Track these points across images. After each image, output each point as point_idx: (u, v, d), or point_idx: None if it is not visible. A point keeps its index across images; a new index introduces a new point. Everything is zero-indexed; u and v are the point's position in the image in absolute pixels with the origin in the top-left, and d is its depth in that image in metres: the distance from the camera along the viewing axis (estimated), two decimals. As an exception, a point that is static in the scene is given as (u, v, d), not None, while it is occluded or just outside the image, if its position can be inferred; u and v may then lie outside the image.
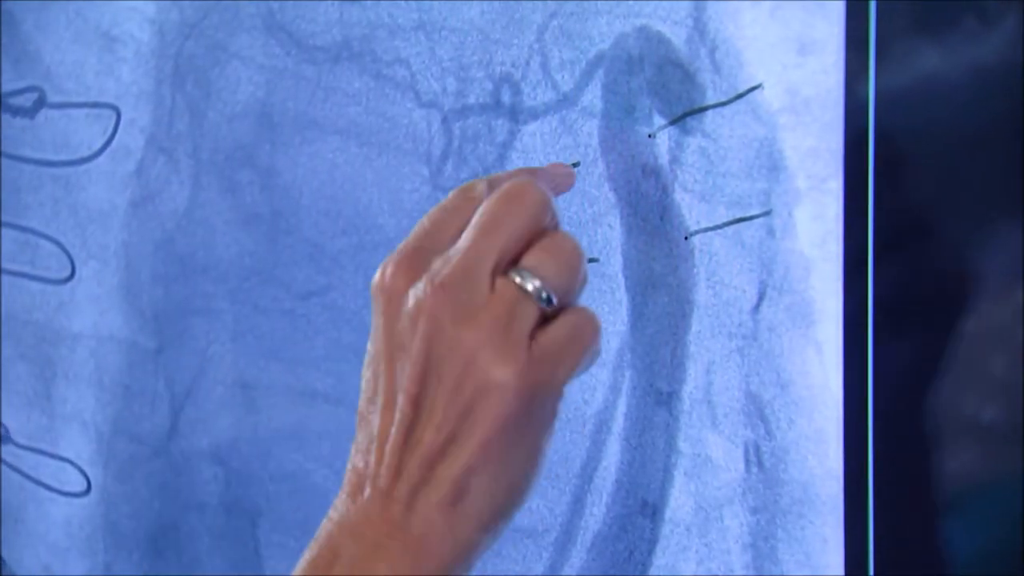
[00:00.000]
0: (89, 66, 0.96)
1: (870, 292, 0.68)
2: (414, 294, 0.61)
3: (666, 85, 0.73)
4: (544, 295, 0.60)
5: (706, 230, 0.73)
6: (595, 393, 0.77)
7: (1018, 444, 0.66)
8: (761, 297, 0.71)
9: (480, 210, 0.62)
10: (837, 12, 0.67)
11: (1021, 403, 0.65)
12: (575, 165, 0.77)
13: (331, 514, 0.62)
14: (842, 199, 0.68)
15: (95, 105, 0.96)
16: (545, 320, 0.61)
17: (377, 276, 0.63)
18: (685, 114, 0.73)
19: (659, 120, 0.74)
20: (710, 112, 0.72)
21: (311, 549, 0.62)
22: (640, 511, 0.76)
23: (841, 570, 0.69)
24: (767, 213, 0.71)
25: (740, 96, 0.71)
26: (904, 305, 0.68)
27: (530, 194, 0.62)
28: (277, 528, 0.91)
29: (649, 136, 0.74)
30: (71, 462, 1.00)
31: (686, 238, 0.73)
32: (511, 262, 0.61)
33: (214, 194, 0.91)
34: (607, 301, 0.76)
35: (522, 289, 0.60)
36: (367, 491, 0.61)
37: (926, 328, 0.68)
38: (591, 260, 0.77)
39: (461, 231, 0.62)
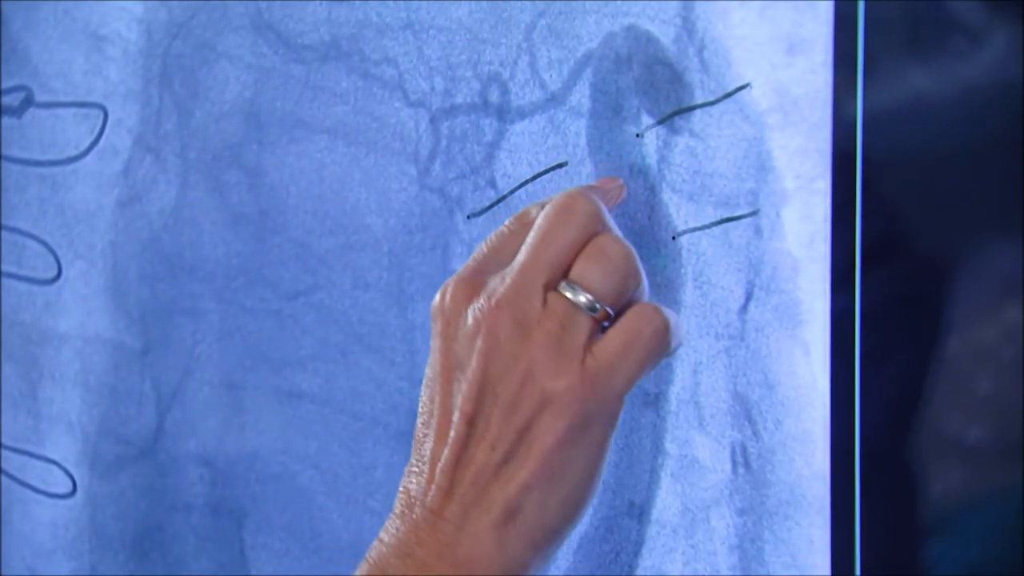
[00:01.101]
0: (77, 65, 0.96)
1: (858, 293, 0.68)
2: (471, 312, 0.61)
3: (654, 84, 0.73)
4: (595, 305, 0.61)
5: (694, 230, 0.72)
6: (582, 394, 0.77)
7: (1005, 448, 0.65)
8: (748, 297, 0.71)
9: (535, 225, 0.62)
10: (826, 11, 0.67)
11: (1008, 406, 0.65)
12: (562, 165, 0.76)
13: (381, 535, 0.62)
14: (830, 199, 0.68)
15: (83, 104, 0.96)
16: (611, 324, 0.61)
17: (437, 299, 0.63)
18: (673, 113, 0.73)
19: (647, 119, 0.74)
20: (698, 111, 0.72)
21: (360, 569, 0.62)
22: (626, 512, 0.75)
23: (828, 572, 0.69)
24: (755, 213, 0.70)
25: (728, 95, 0.71)
26: (892, 306, 0.68)
27: (579, 204, 0.62)
28: (263, 529, 0.90)
29: (637, 135, 0.74)
30: (57, 463, 0.99)
31: (673, 238, 0.73)
32: (564, 274, 0.61)
33: (201, 194, 0.91)
34: (594, 301, 0.76)
35: (572, 302, 0.60)
36: (417, 512, 0.61)
37: (914, 329, 0.68)
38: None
39: (516, 253, 0.63)
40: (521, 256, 0.62)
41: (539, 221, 0.63)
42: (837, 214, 0.68)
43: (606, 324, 0.62)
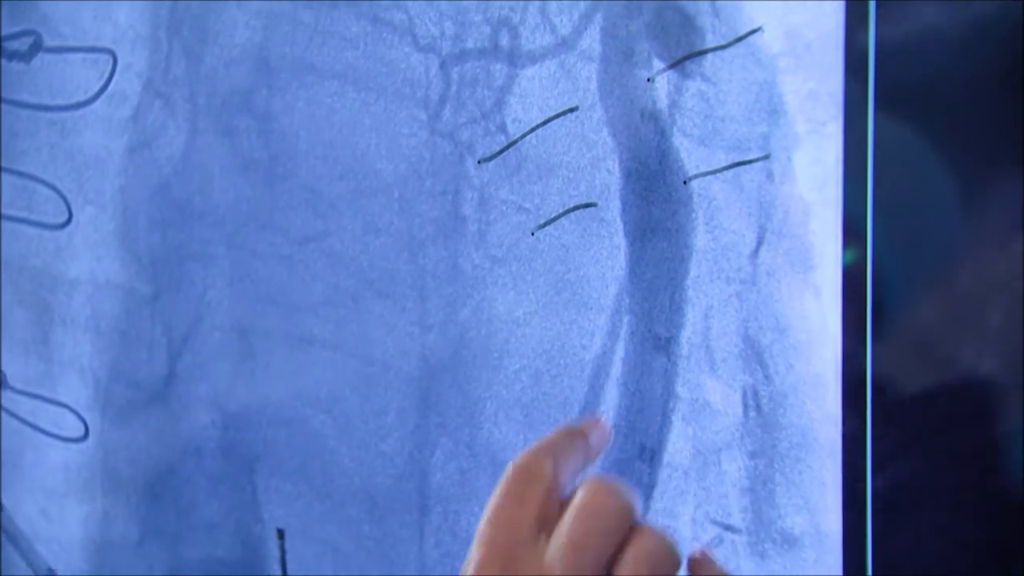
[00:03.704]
0: (86, 10, 0.96)
1: (869, 236, 0.68)
2: None
3: (665, 28, 0.73)
4: None
5: (705, 174, 0.72)
6: (593, 338, 0.77)
7: (1018, 390, 0.66)
8: (760, 241, 0.71)
9: (565, 529, 0.61)
10: (838, -45, 0.67)
11: (1019, 343, 0.65)
12: (573, 110, 0.76)
13: None
14: (841, 143, 0.68)
15: (91, 50, 0.96)
16: None
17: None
18: (684, 58, 0.72)
19: (658, 64, 0.73)
20: (709, 56, 0.72)
21: None
22: (638, 456, 0.76)
23: (839, 513, 0.69)
24: (766, 157, 0.70)
25: (740, 39, 0.71)
26: (903, 249, 0.68)
27: (609, 504, 0.61)
28: (275, 473, 0.91)
29: (648, 80, 0.74)
30: (69, 407, 1.00)
31: (685, 182, 0.73)
32: (608, 570, 0.61)
33: (211, 139, 0.91)
34: (605, 246, 0.76)
35: None
36: None
37: (925, 273, 0.68)
38: (588, 205, 0.77)
39: (539, 518, 0.61)
40: (561, 559, 0.61)
41: (572, 525, 0.61)
42: (848, 158, 0.68)
43: None
